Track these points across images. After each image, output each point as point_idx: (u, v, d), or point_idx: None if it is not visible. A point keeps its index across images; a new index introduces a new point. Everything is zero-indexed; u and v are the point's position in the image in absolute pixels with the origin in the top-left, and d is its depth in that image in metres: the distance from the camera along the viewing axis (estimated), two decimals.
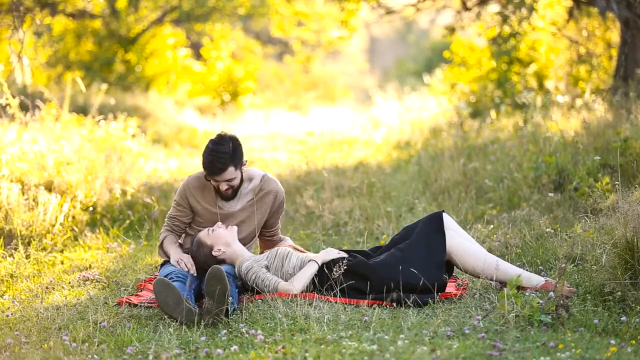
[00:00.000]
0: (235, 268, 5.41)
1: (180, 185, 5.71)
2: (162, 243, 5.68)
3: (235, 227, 5.52)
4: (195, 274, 5.39)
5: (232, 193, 5.58)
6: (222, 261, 5.43)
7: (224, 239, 5.45)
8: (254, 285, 5.31)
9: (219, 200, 5.63)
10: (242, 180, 5.60)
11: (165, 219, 5.75)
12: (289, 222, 7.74)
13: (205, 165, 5.46)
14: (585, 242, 5.70)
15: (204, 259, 5.44)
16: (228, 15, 19.21)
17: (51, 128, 8.86)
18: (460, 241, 5.33)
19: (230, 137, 5.49)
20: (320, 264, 5.30)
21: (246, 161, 5.59)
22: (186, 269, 5.41)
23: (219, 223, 5.51)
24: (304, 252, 5.52)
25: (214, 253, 5.42)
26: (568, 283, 5.20)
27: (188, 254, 5.58)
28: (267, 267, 5.35)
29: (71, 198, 7.54)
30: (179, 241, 5.75)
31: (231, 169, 5.45)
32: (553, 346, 4.30)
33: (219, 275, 4.84)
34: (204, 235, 5.46)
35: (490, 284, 5.40)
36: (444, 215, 5.40)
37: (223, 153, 5.42)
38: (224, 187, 5.52)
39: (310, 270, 5.28)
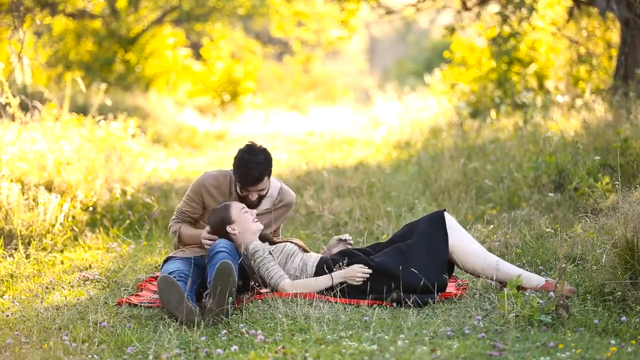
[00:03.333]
0: (240, 248, 5.37)
1: (195, 182, 5.66)
2: (178, 232, 5.63)
3: (262, 226, 5.49)
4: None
5: (257, 201, 5.59)
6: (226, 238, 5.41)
7: (247, 225, 5.40)
8: (255, 269, 5.28)
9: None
10: (268, 189, 5.61)
11: (175, 213, 5.71)
12: (289, 222, 7.74)
13: (241, 176, 5.42)
14: (585, 242, 5.70)
15: (215, 226, 5.39)
16: (228, 16, 19.21)
17: (51, 128, 8.85)
18: (461, 240, 5.32)
19: (261, 148, 5.48)
20: (335, 283, 5.25)
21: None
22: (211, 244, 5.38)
23: (254, 211, 5.48)
24: (308, 251, 5.50)
25: (228, 228, 5.37)
26: (568, 283, 5.20)
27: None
28: (270, 254, 5.33)
29: (71, 198, 7.54)
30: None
31: (265, 179, 5.46)
32: (553, 346, 4.30)
33: (229, 270, 4.84)
34: (235, 209, 5.39)
35: (491, 283, 5.40)
36: (445, 214, 5.40)
37: (258, 164, 5.40)
38: (254, 196, 5.51)
39: (322, 285, 5.25)
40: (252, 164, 5.39)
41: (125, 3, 18.09)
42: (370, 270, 5.22)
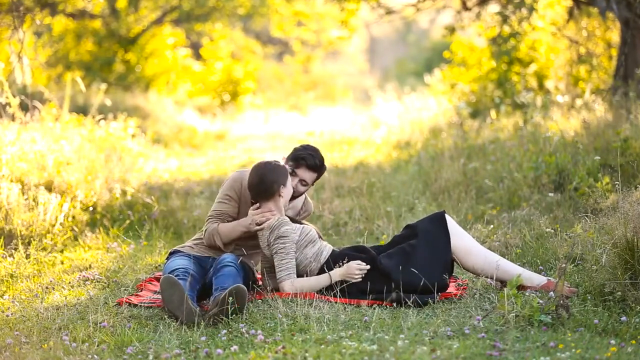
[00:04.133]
0: (268, 225, 5.35)
1: (232, 178, 5.64)
2: (217, 228, 5.56)
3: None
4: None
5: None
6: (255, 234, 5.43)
7: (289, 196, 5.45)
8: (272, 250, 5.29)
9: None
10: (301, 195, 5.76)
11: (211, 215, 5.60)
12: None
13: (303, 155, 5.61)
14: (585, 242, 5.70)
15: (267, 180, 5.33)
16: (228, 16, 19.22)
17: (51, 128, 8.85)
18: (462, 238, 5.33)
19: None
20: (334, 281, 5.27)
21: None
22: (264, 218, 5.38)
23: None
24: (322, 238, 5.51)
25: (281, 188, 5.34)
26: (568, 283, 5.20)
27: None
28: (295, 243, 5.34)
29: (71, 198, 7.54)
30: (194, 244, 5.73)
31: (316, 175, 5.67)
32: (553, 346, 4.30)
33: (243, 295, 4.87)
34: (290, 177, 5.44)
35: (491, 283, 5.40)
36: (446, 215, 5.40)
37: (321, 157, 5.69)
38: (294, 182, 5.62)
39: (321, 284, 5.27)
40: (318, 153, 5.65)
41: (125, 3, 18.09)
42: (368, 266, 5.22)
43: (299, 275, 5.36)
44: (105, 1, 17.29)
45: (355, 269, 5.23)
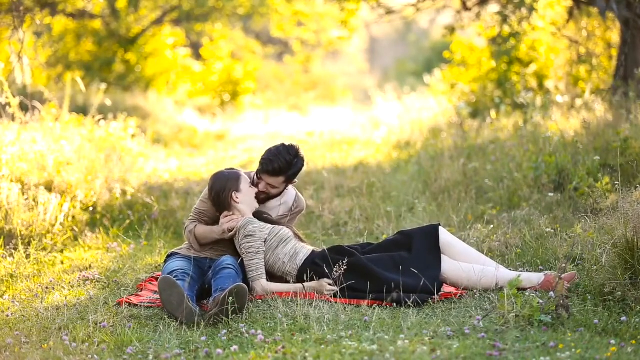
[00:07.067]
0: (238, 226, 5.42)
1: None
2: (194, 230, 5.67)
3: (257, 205, 5.59)
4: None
5: (262, 199, 5.68)
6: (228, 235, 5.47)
7: (250, 199, 5.50)
8: (239, 250, 5.35)
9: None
10: (279, 195, 5.74)
11: (191, 214, 5.75)
12: None
13: (264, 160, 5.58)
14: (585, 242, 5.71)
15: (219, 189, 5.45)
16: (228, 16, 19.21)
17: (51, 128, 8.85)
18: (452, 264, 5.34)
19: (297, 153, 5.64)
20: (304, 292, 5.29)
21: (296, 181, 5.74)
22: (234, 223, 5.45)
23: (256, 189, 5.59)
24: (303, 241, 5.52)
25: (233, 195, 5.44)
26: (567, 285, 5.19)
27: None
28: (265, 241, 5.36)
29: (71, 198, 7.54)
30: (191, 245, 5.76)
31: (281, 178, 5.60)
32: (553, 346, 4.30)
33: (244, 294, 4.89)
34: (244, 180, 5.50)
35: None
36: (440, 230, 5.41)
37: (285, 160, 5.57)
38: (262, 186, 5.62)
39: (293, 289, 5.30)
40: (281, 156, 5.54)
41: (125, 3, 18.08)
42: (336, 288, 5.23)
43: (277, 277, 5.39)
44: (105, 1, 17.28)
45: (327, 289, 5.25)
